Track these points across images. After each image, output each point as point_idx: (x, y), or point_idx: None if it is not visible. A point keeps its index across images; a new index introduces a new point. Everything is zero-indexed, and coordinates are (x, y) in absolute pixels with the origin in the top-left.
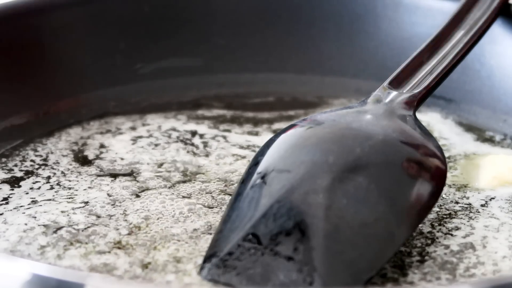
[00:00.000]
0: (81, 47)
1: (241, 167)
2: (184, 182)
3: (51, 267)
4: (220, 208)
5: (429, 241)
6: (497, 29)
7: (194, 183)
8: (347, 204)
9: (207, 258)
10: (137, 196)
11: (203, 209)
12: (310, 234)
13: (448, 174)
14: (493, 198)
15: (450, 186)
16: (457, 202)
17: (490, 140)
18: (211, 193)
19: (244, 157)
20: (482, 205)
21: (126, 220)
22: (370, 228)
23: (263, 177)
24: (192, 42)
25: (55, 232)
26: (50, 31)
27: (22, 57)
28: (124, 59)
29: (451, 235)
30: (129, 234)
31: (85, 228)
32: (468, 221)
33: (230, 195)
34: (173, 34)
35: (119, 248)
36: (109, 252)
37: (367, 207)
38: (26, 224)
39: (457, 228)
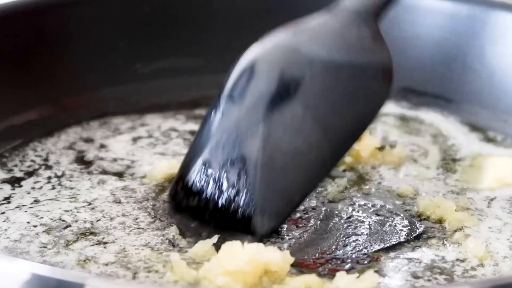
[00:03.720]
0: (81, 47)
1: None
2: None
3: (51, 267)
4: None
5: (428, 241)
6: (497, 29)
7: None
8: (282, 134)
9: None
10: (138, 195)
11: None
12: (249, 163)
13: (447, 176)
14: (494, 199)
15: (450, 189)
16: (457, 203)
17: (491, 140)
18: None
19: None
20: (484, 206)
21: (130, 218)
22: (304, 155)
23: (217, 106)
24: (192, 42)
25: (58, 230)
26: (49, 31)
27: (21, 57)
28: (124, 59)
29: (451, 235)
30: (134, 231)
31: (89, 226)
32: (468, 221)
33: None
34: (173, 34)
35: (125, 244)
36: (115, 249)
37: (301, 135)
38: (28, 223)
39: (458, 228)
